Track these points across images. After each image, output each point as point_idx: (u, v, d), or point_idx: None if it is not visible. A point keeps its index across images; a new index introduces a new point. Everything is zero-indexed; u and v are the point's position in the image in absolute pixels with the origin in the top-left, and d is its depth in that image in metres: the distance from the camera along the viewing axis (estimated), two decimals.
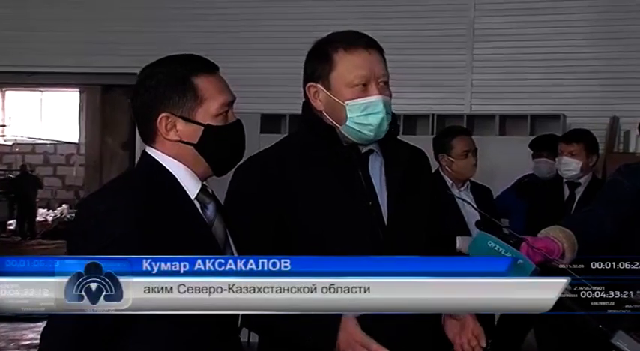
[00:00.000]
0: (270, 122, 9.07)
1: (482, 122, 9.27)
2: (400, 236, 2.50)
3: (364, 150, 2.55)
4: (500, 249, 2.25)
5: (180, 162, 2.14)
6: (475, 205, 4.34)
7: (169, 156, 2.14)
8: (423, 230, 2.58)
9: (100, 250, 1.90)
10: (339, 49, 2.49)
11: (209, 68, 2.18)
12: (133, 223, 1.98)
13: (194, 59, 2.19)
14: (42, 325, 2.08)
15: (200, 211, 2.15)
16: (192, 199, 2.14)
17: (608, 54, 9.38)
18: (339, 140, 2.52)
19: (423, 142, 3.49)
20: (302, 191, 2.46)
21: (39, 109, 22.89)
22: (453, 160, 4.88)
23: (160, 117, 2.12)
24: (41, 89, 21.02)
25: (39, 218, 18.91)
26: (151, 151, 2.16)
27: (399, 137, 2.68)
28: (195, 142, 2.13)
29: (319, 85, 2.51)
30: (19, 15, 10.89)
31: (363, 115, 2.47)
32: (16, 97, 22.35)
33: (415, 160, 2.66)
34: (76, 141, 21.96)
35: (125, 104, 14.89)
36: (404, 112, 8.54)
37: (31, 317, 8.25)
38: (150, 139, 2.17)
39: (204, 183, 2.18)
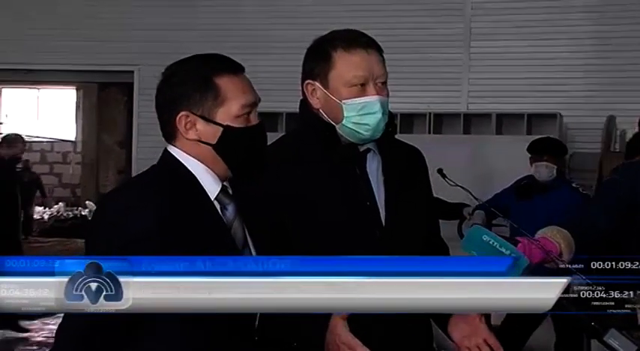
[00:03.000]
0: (267, 121, 9.05)
1: (479, 121, 9.29)
2: (397, 236, 2.48)
3: (362, 149, 2.53)
4: (495, 243, 2.23)
5: (201, 162, 2.13)
6: None
7: (189, 155, 2.13)
8: (420, 230, 2.56)
9: (127, 244, 1.90)
10: (339, 48, 2.48)
11: (234, 69, 2.16)
12: (158, 220, 1.98)
13: (219, 59, 2.17)
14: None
15: (220, 211, 2.13)
16: (212, 199, 2.13)
17: (604, 53, 9.40)
18: (338, 139, 2.50)
19: (420, 140, 3.47)
20: (300, 190, 2.45)
21: (35, 107, 22.87)
22: None
23: (179, 115, 2.11)
24: (38, 87, 20.98)
25: (35, 216, 18.85)
26: (172, 150, 2.15)
27: (395, 136, 2.66)
28: (214, 143, 2.11)
29: (317, 83, 2.50)
30: (15, 13, 10.88)
31: (359, 115, 2.45)
32: (12, 94, 22.33)
33: (412, 160, 2.65)
34: (73, 139, 21.94)
35: (122, 102, 14.89)
36: (401, 111, 8.54)
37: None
38: (171, 137, 2.15)
39: (225, 184, 2.17)
